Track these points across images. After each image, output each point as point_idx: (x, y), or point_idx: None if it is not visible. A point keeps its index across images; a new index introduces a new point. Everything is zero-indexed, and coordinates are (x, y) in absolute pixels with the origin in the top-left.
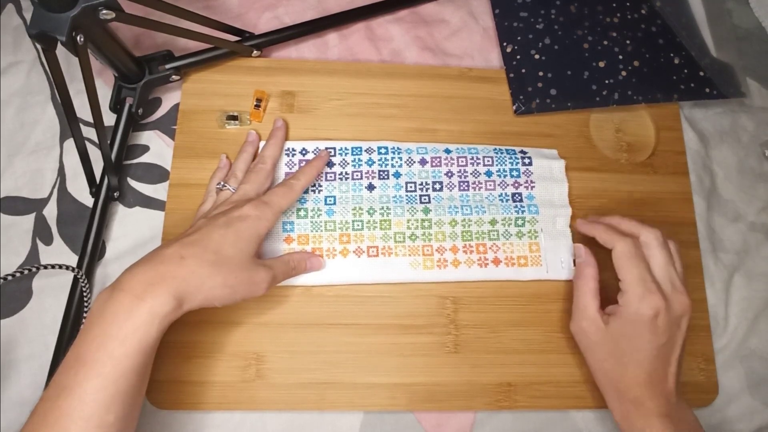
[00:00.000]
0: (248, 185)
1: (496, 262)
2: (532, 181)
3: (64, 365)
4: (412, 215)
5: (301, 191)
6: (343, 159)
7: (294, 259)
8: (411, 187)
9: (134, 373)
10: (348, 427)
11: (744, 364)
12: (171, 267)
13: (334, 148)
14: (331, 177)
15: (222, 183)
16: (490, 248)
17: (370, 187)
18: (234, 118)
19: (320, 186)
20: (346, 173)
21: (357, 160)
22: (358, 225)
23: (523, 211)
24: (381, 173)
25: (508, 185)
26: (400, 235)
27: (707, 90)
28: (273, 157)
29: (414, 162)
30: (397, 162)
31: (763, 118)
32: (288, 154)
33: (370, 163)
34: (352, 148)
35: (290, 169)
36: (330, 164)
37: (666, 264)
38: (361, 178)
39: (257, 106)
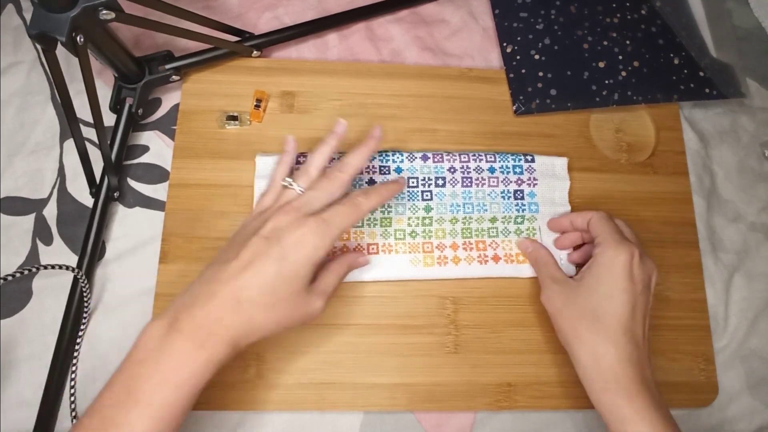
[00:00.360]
0: (317, 192)
1: (496, 258)
2: (534, 179)
3: (112, 396)
4: (414, 213)
5: (367, 212)
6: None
7: (344, 264)
8: (413, 182)
9: (182, 414)
10: (348, 427)
11: (744, 365)
12: (229, 314)
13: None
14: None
15: (289, 181)
16: (489, 245)
17: (371, 183)
18: (234, 118)
19: None
20: None
21: None
22: (359, 222)
23: (523, 209)
24: (382, 168)
25: (511, 182)
26: (400, 233)
27: (707, 90)
28: (355, 167)
29: (416, 158)
30: (398, 158)
31: (763, 118)
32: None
33: (371, 157)
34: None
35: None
36: (330, 160)
37: (632, 232)
38: (362, 173)
39: (257, 107)
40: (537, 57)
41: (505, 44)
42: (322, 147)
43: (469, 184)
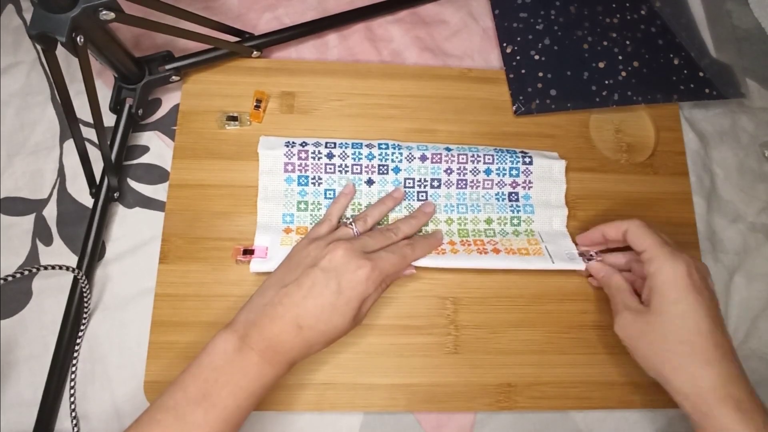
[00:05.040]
0: (372, 241)
1: (496, 251)
2: (530, 181)
3: (187, 396)
4: (409, 211)
5: (411, 262)
6: (343, 152)
7: (387, 281)
8: (409, 183)
9: (245, 419)
10: (348, 428)
11: (744, 365)
12: (291, 337)
13: (335, 143)
14: (330, 170)
15: (351, 221)
16: (488, 242)
17: (369, 182)
18: (234, 118)
19: (320, 179)
20: (346, 166)
21: (357, 154)
22: None
23: (518, 211)
24: (381, 168)
25: (505, 184)
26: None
27: (707, 90)
28: (405, 234)
29: (414, 158)
30: (397, 157)
31: (763, 118)
32: (288, 145)
33: (370, 157)
34: (353, 143)
35: (289, 159)
36: (330, 156)
37: (666, 235)
38: (361, 173)
39: (257, 107)
40: (537, 57)
41: (505, 44)
42: (380, 206)
43: (463, 186)
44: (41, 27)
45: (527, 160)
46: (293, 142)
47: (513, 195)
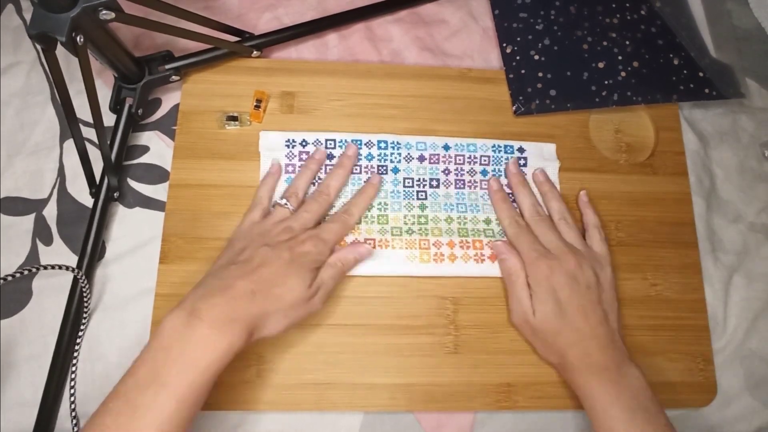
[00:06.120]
0: (309, 214)
1: (493, 258)
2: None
3: (138, 381)
4: (409, 211)
5: (354, 226)
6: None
7: (340, 260)
8: (408, 182)
9: (203, 397)
10: (348, 428)
11: (743, 365)
12: (245, 303)
13: (334, 140)
14: (330, 169)
15: (284, 201)
16: (486, 245)
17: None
18: (234, 118)
19: (320, 179)
20: None
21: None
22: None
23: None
24: (380, 168)
25: (502, 185)
26: (396, 230)
27: (707, 91)
28: (337, 189)
29: (412, 158)
30: (395, 158)
31: (763, 118)
32: (288, 145)
33: (369, 157)
34: (352, 140)
35: (290, 160)
36: (330, 156)
37: (549, 229)
38: (360, 173)
39: (257, 107)
40: (537, 57)
41: (504, 45)
42: (304, 172)
43: (462, 186)
44: (41, 27)
45: (521, 161)
46: (293, 141)
47: (510, 195)
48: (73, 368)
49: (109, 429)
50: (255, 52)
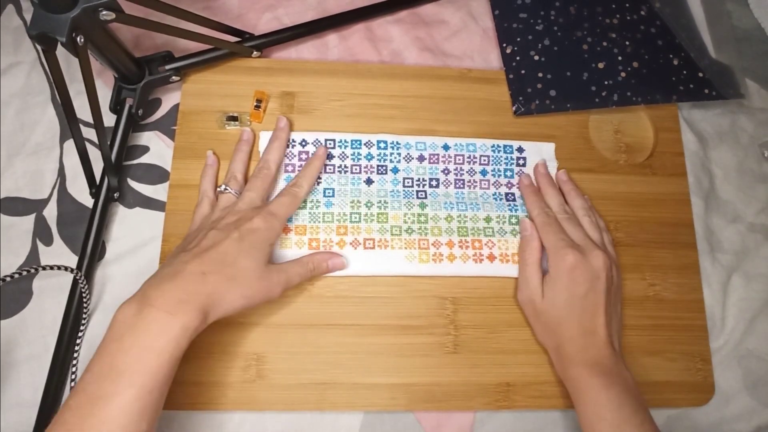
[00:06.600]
0: (253, 193)
1: (491, 258)
2: None
3: (94, 375)
4: (409, 209)
5: (304, 197)
6: (343, 152)
7: (313, 261)
8: (408, 182)
9: (165, 384)
10: (348, 428)
11: (741, 365)
12: (196, 284)
13: (334, 140)
14: (330, 170)
15: (224, 186)
16: (485, 244)
17: (369, 182)
18: (234, 119)
19: (319, 178)
20: (345, 166)
21: (356, 154)
22: (356, 217)
23: (516, 210)
24: (379, 168)
25: (501, 185)
26: (396, 229)
27: (706, 91)
28: (277, 162)
29: (412, 158)
30: (395, 158)
31: (762, 119)
32: (288, 145)
33: (369, 157)
34: (352, 140)
35: (290, 160)
36: (330, 156)
37: (576, 226)
38: (360, 173)
39: (257, 107)
40: (537, 58)
41: (504, 45)
42: (237, 155)
43: (461, 186)
44: (41, 27)
45: (521, 161)
46: (293, 141)
47: (510, 195)
48: (73, 368)
49: (71, 425)
50: (255, 53)
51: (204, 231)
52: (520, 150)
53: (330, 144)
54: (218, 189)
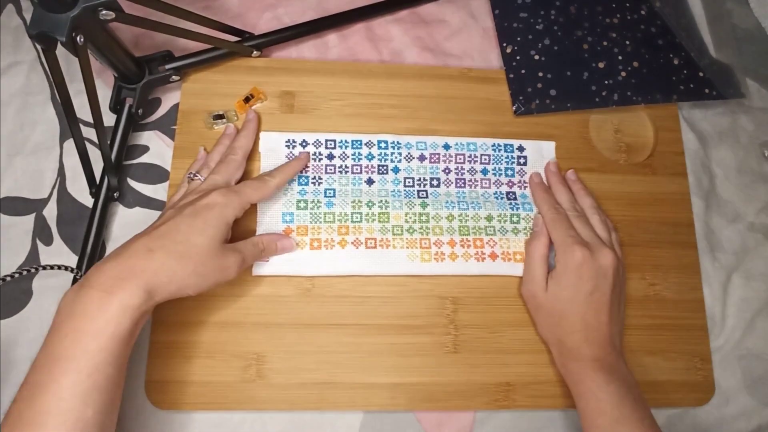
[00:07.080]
0: (217, 175)
1: (493, 256)
2: (524, 181)
3: (36, 365)
4: (410, 209)
5: (275, 189)
6: (343, 152)
7: (263, 241)
8: (409, 182)
9: (110, 366)
10: (348, 427)
11: (741, 364)
12: (139, 261)
13: (335, 141)
14: (331, 170)
15: (193, 173)
16: (487, 243)
17: (369, 182)
18: (221, 117)
19: (320, 179)
20: (346, 166)
21: (357, 154)
22: (357, 217)
23: (517, 208)
24: (380, 168)
25: (502, 184)
26: (398, 228)
27: (706, 91)
28: (244, 148)
29: (413, 158)
30: (396, 157)
31: (763, 118)
32: (288, 146)
33: (369, 157)
34: (353, 141)
35: (289, 160)
36: (330, 157)
37: (585, 224)
38: (361, 173)
39: (247, 100)
40: (537, 57)
41: (504, 44)
42: (216, 147)
43: (462, 185)
44: (41, 27)
45: (521, 160)
46: (293, 141)
47: (511, 194)
48: None
49: (14, 417)
50: (255, 52)
51: (162, 212)
52: (521, 149)
53: (330, 144)
54: (188, 176)
